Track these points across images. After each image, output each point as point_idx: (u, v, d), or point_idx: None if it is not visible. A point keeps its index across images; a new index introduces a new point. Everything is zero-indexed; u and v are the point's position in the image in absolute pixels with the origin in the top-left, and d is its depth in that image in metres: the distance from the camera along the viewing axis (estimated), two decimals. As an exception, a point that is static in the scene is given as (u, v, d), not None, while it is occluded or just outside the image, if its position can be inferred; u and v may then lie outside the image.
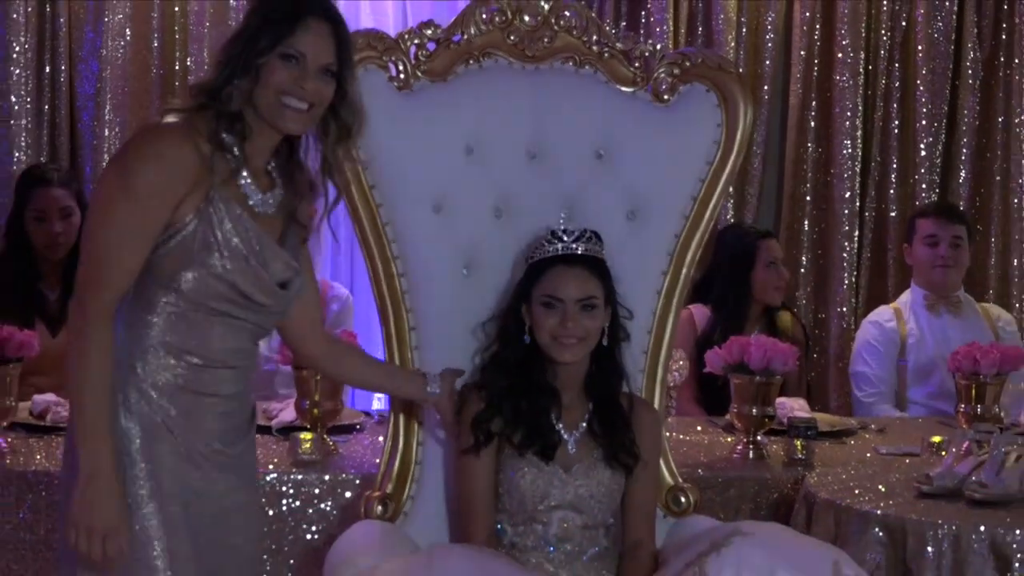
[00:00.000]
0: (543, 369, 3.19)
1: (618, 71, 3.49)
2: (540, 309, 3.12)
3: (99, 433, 2.55)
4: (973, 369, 4.31)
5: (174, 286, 2.61)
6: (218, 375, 2.71)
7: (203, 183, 2.60)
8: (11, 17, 5.57)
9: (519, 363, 3.18)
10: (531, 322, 3.16)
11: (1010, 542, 3.23)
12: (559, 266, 3.14)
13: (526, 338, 3.16)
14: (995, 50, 6.44)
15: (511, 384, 3.17)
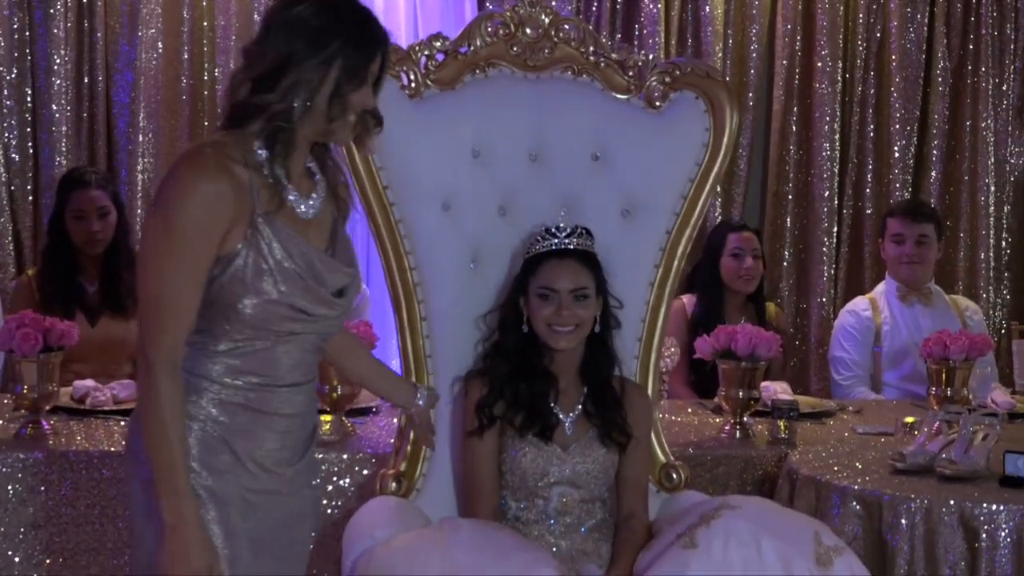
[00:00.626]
0: (541, 356, 3.19)
1: (613, 80, 3.48)
2: (536, 300, 3.13)
3: (179, 484, 2.42)
4: (943, 355, 4.32)
5: (234, 315, 2.47)
6: (281, 394, 2.58)
7: (245, 209, 2.45)
8: (52, 32, 5.57)
9: (518, 351, 3.19)
10: (528, 313, 3.16)
11: (978, 515, 3.24)
12: (553, 260, 3.15)
13: (524, 328, 3.17)
14: (963, 59, 6.44)
15: (511, 371, 3.18)
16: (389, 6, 5.82)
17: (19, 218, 5.62)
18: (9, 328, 3.66)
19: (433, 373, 3.38)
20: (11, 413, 3.89)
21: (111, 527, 3.55)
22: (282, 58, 2.47)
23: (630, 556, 3.15)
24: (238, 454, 2.52)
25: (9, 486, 3.52)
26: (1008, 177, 6.53)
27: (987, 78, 6.42)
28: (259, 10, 5.74)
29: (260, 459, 2.55)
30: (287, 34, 2.49)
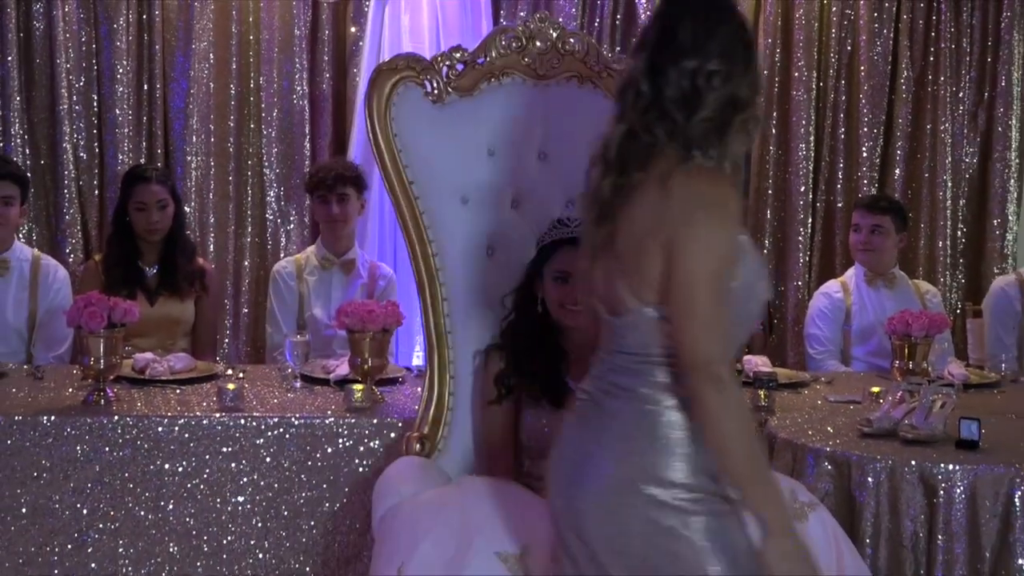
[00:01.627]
0: (552, 333, 3.19)
1: (613, 89, 3.47)
2: (552, 283, 3.14)
3: (780, 495, 2.34)
4: (905, 332, 4.31)
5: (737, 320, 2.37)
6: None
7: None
8: (115, 45, 5.57)
9: (533, 329, 3.19)
10: (543, 295, 3.16)
11: (936, 474, 3.23)
12: (566, 247, 3.15)
13: (539, 308, 3.17)
14: (924, 70, 6.42)
15: (527, 347, 3.18)
16: (414, 23, 5.81)
17: (87, 210, 5.63)
18: (78, 307, 3.67)
19: (452, 348, 3.38)
20: (80, 382, 3.90)
21: (169, 480, 3.56)
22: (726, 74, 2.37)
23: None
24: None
25: (78, 446, 3.52)
26: (963, 175, 6.52)
27: (945, 87, 6.40)
28: (299, 25, 5.74)
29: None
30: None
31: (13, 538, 3.51)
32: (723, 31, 2.44)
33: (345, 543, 3.63)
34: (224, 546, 3.60)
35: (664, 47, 2.42)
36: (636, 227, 2.36)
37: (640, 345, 2.39)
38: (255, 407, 3.71)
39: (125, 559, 3.56)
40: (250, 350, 5.71)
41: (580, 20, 6.02)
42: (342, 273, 4.85)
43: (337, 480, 3.62)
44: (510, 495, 2.93)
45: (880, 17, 6.31)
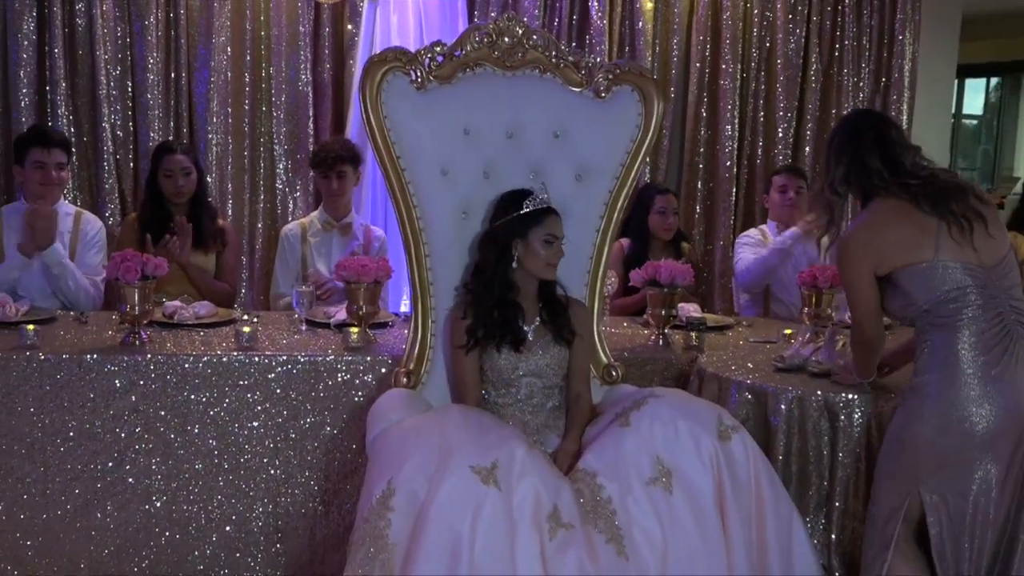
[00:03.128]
0: (514, 288, 3.19)
1: (570, 76, 3.45)
2: (540, 245, 3.13)
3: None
4: (813, 283, 4.32)
5: None
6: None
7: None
8: (146, 39, 5.51)
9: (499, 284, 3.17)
10: (523, 253, 3.15)
11: (838, 402, 3.25)
12: (553, 215, 3.17)
13: (514, 264, 3.15)
14: (830, 63, 6.43)
15: (494, 303, 3.17)
16: (401, 22, 5.78)
17: (123, 179, 5.59)
18: (116, 262, 3.66)
19: (434, 296, 3.39)
20: (118, 326, 3.87)
21: (194, 408, 3.55)
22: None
23: (579, 428, 3.17)
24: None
25: (116, 380, 3.50)
26: (863, 152, 6.52)
27: (848, 77, 6.42)
28: (303, 23, 5.69)
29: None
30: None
31: (63, 457, 3.50)
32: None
33: (344, 461, 3.63)
34: (241, 464, 3.60)
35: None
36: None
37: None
38: (267, 347, 3.69)
39: (157, 475, 3.56)
40: (263, 299, 5.69)
41: (542, 19, 6.01)
42: (340, 235, 4.83)
43: (336, 408, 3.62)
44: (480, 420, 2.93)
45: (794, 18, 6.33)
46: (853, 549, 3.27)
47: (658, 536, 2.74)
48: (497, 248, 3.18)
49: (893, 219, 2.93)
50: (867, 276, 2.96)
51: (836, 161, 3.05)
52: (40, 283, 4.31)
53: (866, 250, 2.95)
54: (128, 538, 3.56)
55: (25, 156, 4.38)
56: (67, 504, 3.52)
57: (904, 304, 2.94)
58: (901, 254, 2.90)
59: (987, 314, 2.82)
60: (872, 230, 2.96)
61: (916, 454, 2.84)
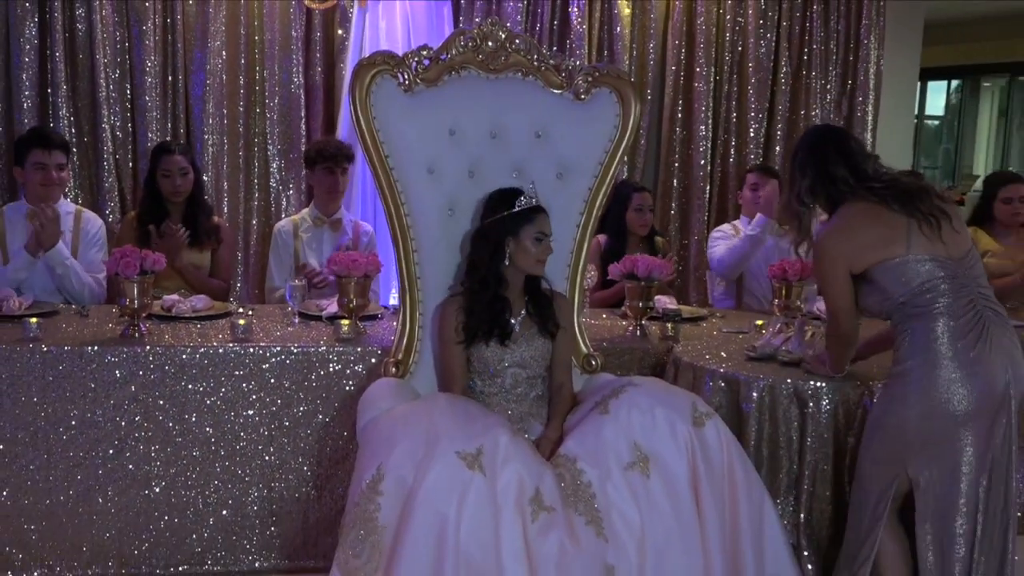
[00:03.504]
0: (504, 283, 3.18)
1: (551, 79, 3.45)
2: (531, 242, 3.13)
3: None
4: (784, 276, 4.33)
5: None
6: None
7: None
8: (144, 43, 5.48)
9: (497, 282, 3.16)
10: (514, 250, 3.14)
11: (807, 390, 3.26)
12: (542, 214, 3.16)
13: (506, 261, 3.15)
14: (799, 66, 6.44)
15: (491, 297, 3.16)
16: (389, 27, 5.76)
17: (122, 178, 5.56)
18: (116, 258, 3.65)
19: (421, 289, 3.38)
20: (118, 319, 3.85)
21: (192, 398, 3.54)
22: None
23: (561, 416, 3.17)
24: None
25: (116, 371, 3.49)
26: (830, 151, 6.54)
27: (816, 80, 6.44)
28: (295, 28, 5.67)
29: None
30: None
31: (65, 445, 3.49)
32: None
33: (335, 447, 3.63)
34: (237, 450, 3.59)
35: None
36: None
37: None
38: (261, 338, 3.68)
39: (156, 461, 3.55)
40: (258, 292, 5.68)
41: (524, 24, 6.00)
42: (331, 230, 4.82)
43: (328, 397, 3.61)
44: (466, 408, 2.93)
45: (764, 24, 6.34)
46: (821, 530, 3.28)
47: (636, 519, 2.75)
48: (491, 246, 3.17)
49: (864, 220, 2.97)
50: (843, 275, 2.99)
51: (801, 174, 3.10)
52: (45, 282, 4.29)
53: (841, 250, 2.98)
54: (128, 522, 3.55)
55: (26, 157, 4.35)
56: (69, 490, 3.51)
57: (880, 299, 2.96)
58: (874, 252, 2.94)
59: (960, 302, 2.87)
60: (844, 232, 2.99)
61: (904, 437, 2.88)
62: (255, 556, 3.64)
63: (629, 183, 5.39)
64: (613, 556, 2.70)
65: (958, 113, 14.82)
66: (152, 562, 3.57)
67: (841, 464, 3.27)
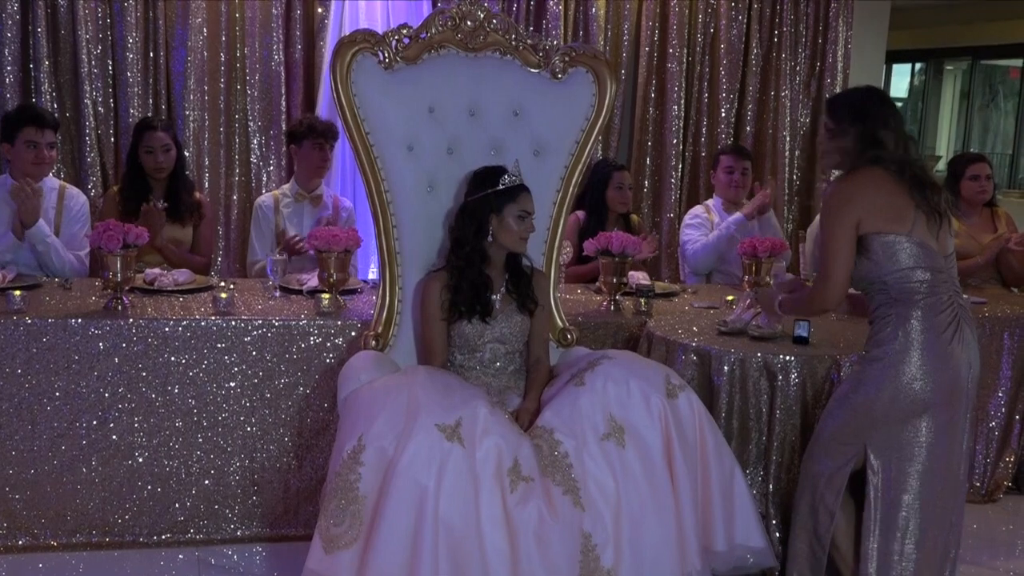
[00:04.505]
0: (487, 260, 3.17)
1: (528, 58, 3.43)
2: (514, 220, 3.11)
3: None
4: (753, 253, 4.34)
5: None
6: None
7: None
8: (126, 19, 5.40)
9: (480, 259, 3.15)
10: (497, 228, 3.12)
11: (776, 363, 3.28)
12: (526, 192, 3.14)
13: (489, 239, 3.13)
14: (769, 49, 6.45)
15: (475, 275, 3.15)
16: (369, 4, 5.72)
17: (104, 153, 5.49)
18: (99, 232, 3.61)
19: (401, 264, 3.37)
20: (101, 292, 3.81)
21: (175, 370, 3.52)
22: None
23: (538, 389, 3.17)
24: None
25: (100, 343, 3.46)
26: (799, 131, 6.58)
27: (786, 62, 6.44)
28: (276, 6, 5.62)
29: None
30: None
31: (49, 416, 3.46)
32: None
33: (316, 419, 3.62)
34: (219, 421, 3.57)
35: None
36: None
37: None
38: (243, 311, 3.66)
39: (140, 432, 3.52)
40: (239, 267, 5.64)
41: (502, 4, 5.97)
42: (311, 205, 4.78)
43: (309, 369, 3.60)
44: (446, 380, 2.93)
45: (736, 6, 6.34)
46: (789, 499, 3.30)
47: (611, 487, 2.75)
48: (475, 223, 3.15)
49: (883, 185, 2.89)
50: (849, 229, 2.87)
51: (852, 124, 2.96)
52: (27, 257, 4.24)
53: (856, 199, 2.87)
54: (112, 492, 3.53)
55: (17, 135, 4.27)
56: (54, 460, 3.48)
57: (869, 271, 2.90)
58: (883, 219, 2.86)
59: (941, 297, 2.86)
60: (863, 186, 2.89)
61: (870, 417, 2.88)
62: (237, 525, 3.63)
63: (609, 162, 5.37)
64: (589, 524, 2.71)
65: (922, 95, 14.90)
66: (136, 531, 3.56)
67: (809, 436, 3.29)
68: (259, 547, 3.59)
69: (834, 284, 2.88)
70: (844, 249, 2.86)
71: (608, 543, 2.73)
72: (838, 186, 2.94)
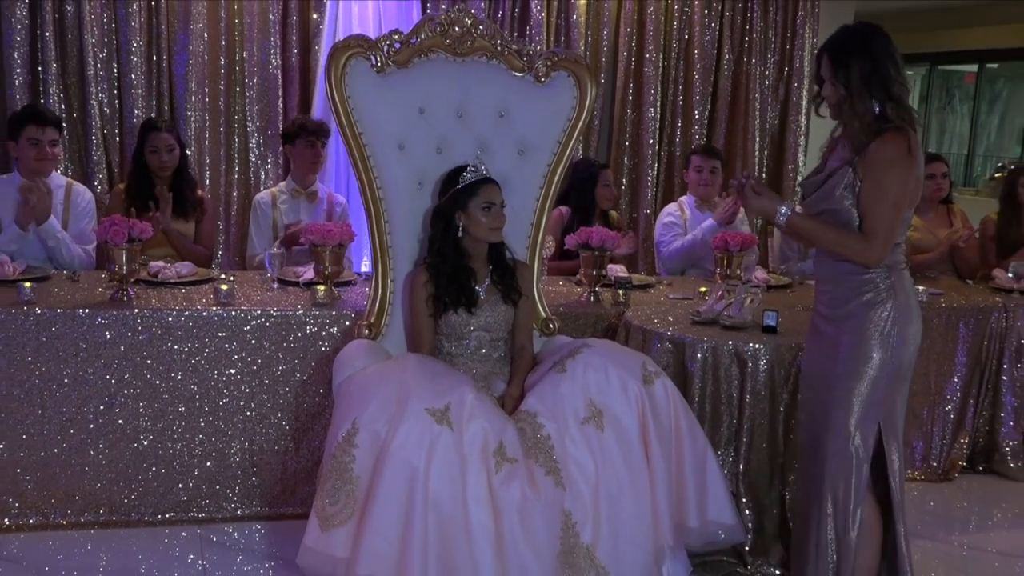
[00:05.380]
0: (465, 255, 3.16)
1: (513, 63, 3.42)
2: (480, 212, 3.10)
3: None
4: (725, 247, 4.35)
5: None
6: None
7: None
8: (131, 24, 5.37)
9: (454, 252, 3.14)
10: (466, 223, 3.12)
11: (746, 351, 3.29)
12: (488, 184, 3.12)
13: (459, 234, 3.13)
14: (740, 54, 6.47)
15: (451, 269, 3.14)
16: (362, 12, 5.70)
17: (110, 152, 5.47)
18: (105, 226, 3.59)
19: (392, 258, 3.36)
20: (107, 283, 3.79)
21: (177, 357, 3.51)
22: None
23: (522, 375, 3.17)
24: None
25: (106, 332, 3.44)
26: (767, 132, 6.60)
27: (756, 67, 6.46)
28: (273, 12, 5.59)
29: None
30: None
31: (59, 402, 3.44)
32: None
33: (312, 404, 3.61)
34: (220, 406, 3.56)
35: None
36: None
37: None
38: (243, 302, 3.65)
39: (145, 417, 3.51)
40: (238, 259, 5.62)
41: (487, 11, 5.96)
42: (307, 201, 4.77)
43: (305, 357, 3.59)
44: (435, 367, 2.93)
45: (709, 14, 6.35)
46: (758, 479, 3.32)
47: (591, 468, 2.76)
48: (443, 222, 3.15)
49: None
50: (912, 190, 2.69)
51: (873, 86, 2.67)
52: (36, 251, 4.21)
53: (919, 159, 2.68)
54: (119, 473, 3.52)
55: (20, 133, 4.25)
56: (63, 443, 3.47)
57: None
58: (916, 190, 2.73)
59: (907, 264, 2.83)
60: (918, 158, 2.69)
61: (901, 373, 2.75)
62: (237, 504, 3.62)
63: (595, 162, 5.35)
64: (570, 503, 2.72)
65: (883, 98, 14.90)
66: (141, 510, 3.55)
67: (776, 419, 3.31)
68: (258, 525, 3.58)
69: (882, 243, 2.67)
70: (894, 214, 2.65)
71: (587, 520, 2.74)
72: (907, 138, 2.64)
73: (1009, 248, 5.01)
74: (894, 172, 2.62)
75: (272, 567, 3.28)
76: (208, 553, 3.37)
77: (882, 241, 2.65)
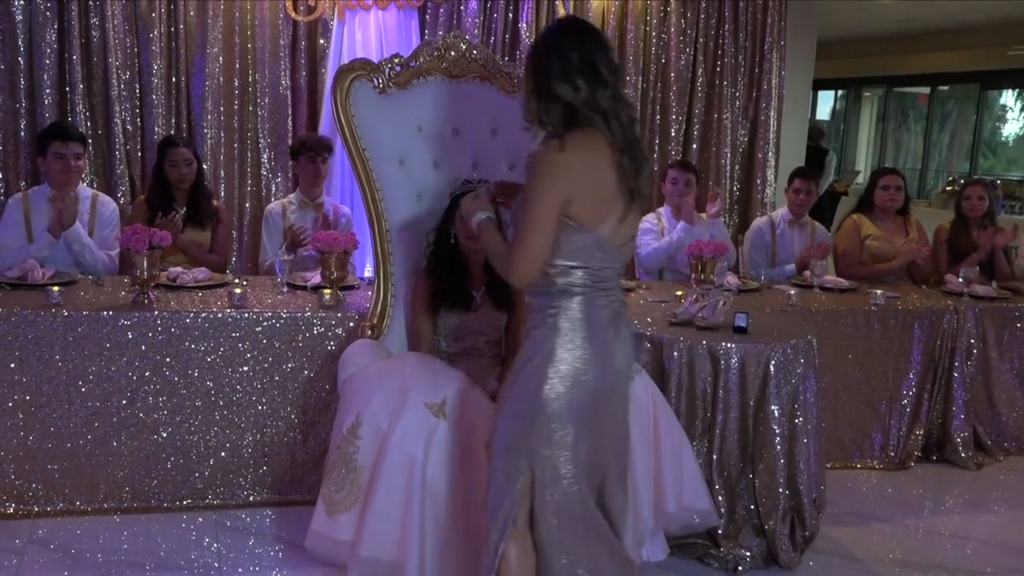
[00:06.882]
0: (462, 261, 3.16)
1: (505, 85, 3.43)
2: (463, 223, 3.08)
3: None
4: (700, 254, 4.35)
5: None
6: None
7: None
8: (151, 48, 5.36)
9: (450, 257, 3.14)
10: (456, 231, 3.12)
11: (719, 350, 3.29)
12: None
13: (452, 241, 3.12)
14: (713, 77, 6.46)
15: (447, 271, 3.14)
16: (365, 37, 5.68)
17: (132, 167, 5.44)
18: (127, 234, 3.58)
19: (393, 264, 3.36)
20: (129, 288, 3.78)
21: (194, 356, 3.49)
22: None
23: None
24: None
25: (128, 333, 3.43)
26: (738, 150, 6.60)
27: (728, 89, 6.46)
28: (283, 37, 5.58)
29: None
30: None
31: (84, 396, 3.42)
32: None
33: (319, 398, 3.60)
34: (234, 401, 3.55)
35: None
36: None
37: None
38: (255, 305, 3.63)
39: (164, 410, 3.50)
40: (251, 265, 5.60)
41: (481, 37, 5.95)
42: (315, 212, 4.76)
43: (313, 355, 3.58)
44: (433, 365, 2.93)
45: (684, 40, 6.34)
46: (729, 467, 3.32)
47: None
48: (441, 235, 3.16)
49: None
50: (558, 200, 2.19)
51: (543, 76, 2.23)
52: (64, 257, 4.20)
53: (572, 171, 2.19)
54: (139, 462, 3.50)
55: (47, 148, 4.24)
56: (88, 435, 3.45)
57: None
58: (589, 203, 2.25)
59: (599, 297, 2.30)
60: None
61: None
62: (249, 491, 3.61)
63: None
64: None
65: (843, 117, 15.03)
66: (160, 496, 3.53)
67: (746, 412, 3.31)
68: (269, 511, 3.57)
69: (528, 257, 2.18)
70: (550, 220, 2.16)
71: (574, 506, 2.73)
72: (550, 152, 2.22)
73: (960, 255, 5.03)
74: (536, 180, 2.21)
75: (282, 550, 3.27)
76: (223, 537, 3.36)
77: (524, 254, 2.17)
